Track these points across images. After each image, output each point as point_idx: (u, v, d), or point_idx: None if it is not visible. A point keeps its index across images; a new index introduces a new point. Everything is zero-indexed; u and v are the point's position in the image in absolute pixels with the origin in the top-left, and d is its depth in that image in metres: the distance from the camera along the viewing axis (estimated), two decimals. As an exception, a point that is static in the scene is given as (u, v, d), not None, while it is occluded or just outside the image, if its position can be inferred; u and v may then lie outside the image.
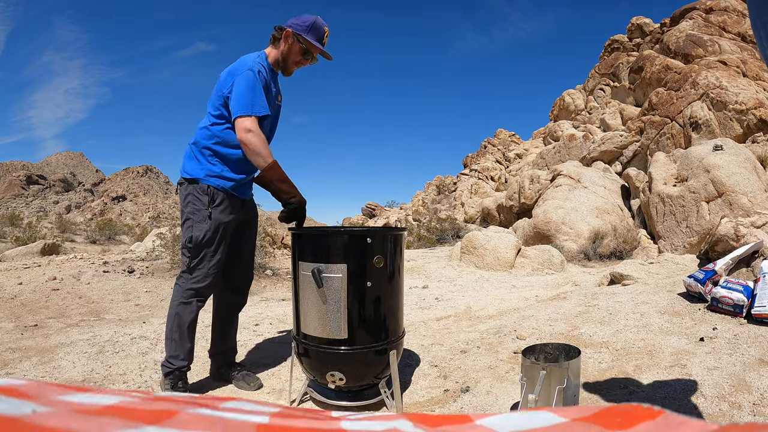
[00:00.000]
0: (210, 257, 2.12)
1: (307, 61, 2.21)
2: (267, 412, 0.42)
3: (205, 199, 2.10)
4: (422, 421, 0.41)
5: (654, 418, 0.33)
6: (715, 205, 5.87)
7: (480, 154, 24.28)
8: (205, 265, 2.11)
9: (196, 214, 2.10)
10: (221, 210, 2.12)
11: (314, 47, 2.16)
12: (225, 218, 2.13)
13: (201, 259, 2.11)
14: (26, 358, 2.65)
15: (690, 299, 3.07)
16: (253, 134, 1.98)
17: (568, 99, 19.05)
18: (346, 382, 1.95)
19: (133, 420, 0.34)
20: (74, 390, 0.40)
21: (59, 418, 0.31)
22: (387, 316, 2.00)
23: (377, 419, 0.43)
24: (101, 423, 0.32)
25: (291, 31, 2.13)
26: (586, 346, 2.55)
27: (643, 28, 17.16)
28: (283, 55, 2.18)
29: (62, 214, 38.39)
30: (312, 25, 2.13)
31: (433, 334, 3.13)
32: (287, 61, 2.19)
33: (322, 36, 2.16)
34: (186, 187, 2.15)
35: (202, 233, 2.09)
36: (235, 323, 2.47)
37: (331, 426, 0.39)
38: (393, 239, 2.01)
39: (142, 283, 4.92)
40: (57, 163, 78.38)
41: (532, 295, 4.47)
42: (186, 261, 2.13)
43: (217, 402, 0.45)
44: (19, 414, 0.30)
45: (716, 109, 8.69)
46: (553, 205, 8.28)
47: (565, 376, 1.64)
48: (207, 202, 2.09)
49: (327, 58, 2.26)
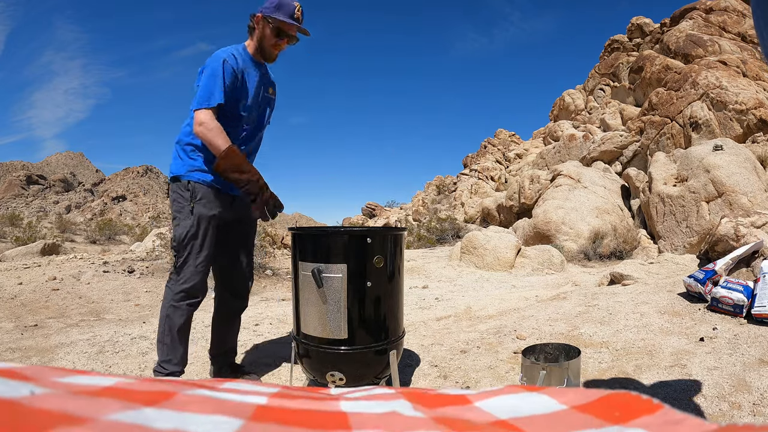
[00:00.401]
0: (196, 254, 2.04)
1: (284, 42, 2.12)
2: (266, 393, 0.42)
3: (187, 195, 2.04)
4: (421, 401, 0.41)
5: (653, 412, 0.33)
6: (715, 205, 5.87)
7: (480, 154, 24.28)
8: (191, 263, 2.04)
9: (180, 212, 2.05)
10: (204, 204, 2.05)
11: (286, 24, 2.06)
12: (208, 212, 2.05)
13: (186, 257, 2.04)
14: (26, 358, 2.65)
15: (690, 299, 3.07)
16: (204, 127, 1.92)
17: (568, 99, 19.06)
18: (346, 382, 1.95)
19: (131, 401, 0.34)
20: (74, 372, 0.40)
21: (58, 399, 0.31)
22: (387, 316, 1.99)
23: (376, 398, 0.43)
24: (99, 404, 0.32)
25: (260, 15, 2.07)
26: (586, 346, 2.55)
27: (643, 28, 17.16)
28: (259, 42, 2.11)
29: (62, 214, 38.42)
30: (278, 3, 2.05)
31: (433, 334, 3.13)
32: (263, 45, 2.11)
33: (292, 12, 2.06)
34: (171, 187, 2.12)
35: (185, 230, 2.03)
36: (235, 326, 2.43)
37: (330, 407, 0.39)
38: (393, 239, 2.01)
39: (142, 283, 4.92)
40: (57, 163, 78.39)
41: (532, 295, 4.47)
42: (173, 261, 2.09)
43: (217, 383, 0.44)
44: (18, 396, 0.30)
45: (716, 109, 8.69)
46: (553, 205, 8.28)
47: (565, 376, 1.64)
48: (189, 198, 2.04)
49: (304, 34, 2.15)
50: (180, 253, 2.04)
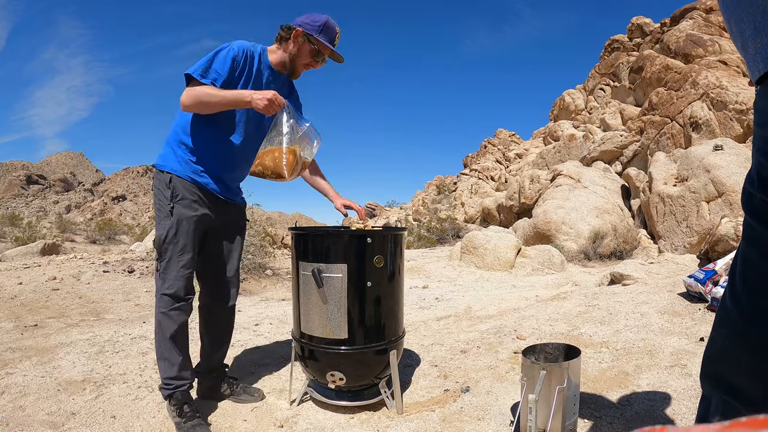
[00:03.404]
0: (177, 257, 1.90)
1: (317, 63, 2.06)
2: None
3: (167, 193, 1.92)
4: None
5: None
6: (716, 205, 5.87)
7: (480, 154, 24.29)
8: (173, 266, 1.90)
9: (160, 211, 1.93)
10: (184, 205, 1.91)
11: (326, 48, 2.01)
12: (189, 213, 1.91)
13: (169, 261, 1.91)
14: (26, 358, 2.65)
15: (690, 299, 3.07)
16: (185, 93, 1.82)
17: (568, 99, 19.05)
18: (346, 381, 1.95)
19: None
20: None
21: None
22: (387, 316, 1.99)
23: None
24: None
25: (301, 30, 1.97)
26: (587, 346, 2.55)
27: (643, 27, 17.15)
28: (291, 56, 2.02)
29: (62, 214, 38.45)
30: (324, 26, 1.97)
31: (433, 334, 3.13)
32: (296, 62, 2.04)
33: (333, 37, 2.01)
34: (155, 177, 1.98)
35: (165, 231, 1.90)
36: (225, 337, 2.24)
37: None
38: (393, 239, 2.01)
39: (142, 283, 4.92)
40: (57, 162, 78.29)
41: (532, 295, 4.46)
42: (156, 264, 1.96)
43: None
44: None
45: (716, 108, 8.68)
46: (553, 205, 8.28)
47: (565, 376, 1.64)
48: (169, 197, 1.91)
49: (338, 62, 2.10)
50: (162, 256, 1.92)
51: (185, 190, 1.91)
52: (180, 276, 1.91)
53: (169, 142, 1.97)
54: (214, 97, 1.83)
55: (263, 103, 1.82)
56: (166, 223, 1.90)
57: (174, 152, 1.94)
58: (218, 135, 1.97)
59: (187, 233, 1.91)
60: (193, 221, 1.92)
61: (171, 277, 1.90)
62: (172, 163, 1.93)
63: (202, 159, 1.95)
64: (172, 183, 1.91)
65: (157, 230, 1.93)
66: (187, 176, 1.92)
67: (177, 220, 1.90)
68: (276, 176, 1.93)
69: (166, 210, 1.91)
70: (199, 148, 1.94)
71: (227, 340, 2.26)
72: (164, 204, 1.91)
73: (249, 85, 1.98)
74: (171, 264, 1.90)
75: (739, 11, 0.77)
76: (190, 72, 1.85)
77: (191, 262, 1.94)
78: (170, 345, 1.92)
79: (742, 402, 0.84)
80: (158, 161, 1.97)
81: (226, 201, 2.06)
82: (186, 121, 1.95)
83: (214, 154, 1.96)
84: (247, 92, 1.86)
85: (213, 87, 1.85)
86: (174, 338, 1.92)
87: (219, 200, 2.02)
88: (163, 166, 1.94)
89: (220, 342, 2.22)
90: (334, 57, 2.07)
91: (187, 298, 1.95)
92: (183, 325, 1.95)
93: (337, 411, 2.03)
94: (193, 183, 1.93)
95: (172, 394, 1.92)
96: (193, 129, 1.95)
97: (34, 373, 2.43)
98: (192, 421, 1.86)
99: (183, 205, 1.91)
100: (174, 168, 1.92)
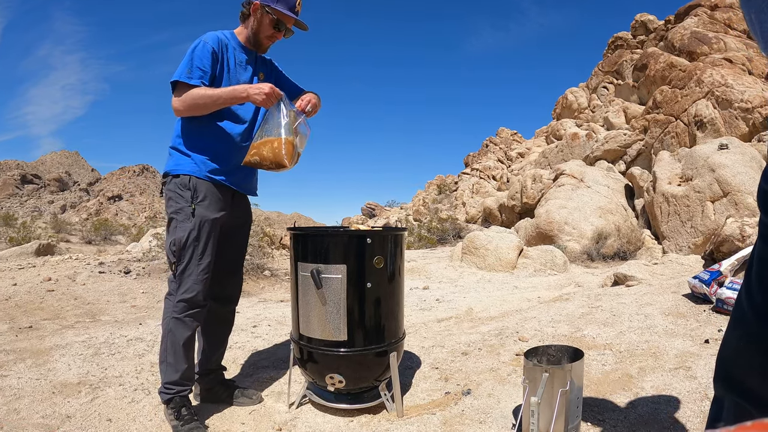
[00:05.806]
0: (197, 261, 1.88)
1: (280, 34, 2.02)
2: None
3: (187, 194, 1.89)
4: None
5: None
6: (721, 205, 5.82)
7: (481, 153, 24.23)
8: (192, 270, 1.87)
9: (179, 213, 1.90)
10: (206, 206, 1.90)
11: (286, 16, 1.96)
12: (211, 215, 1.91)
13: (188, 264, 1.87)
14: (21, 360, 2.62)
15: (695, 300, 3.02)
16: (176, 100, 1.83)
17: (571, 97, 18.97)
18: (345, 384, 1.92)
19: None
20: None
21: None
22: (387, 318, 1.96)
23: None
24: None
25: (258, 3, 1.94)
26: (590, 347, 2.51)
27: (647, 25, 17.06)
28: (253, 31, 1.99)
29: (57, 214, 38.44)
30: None
31: (434, 336, 3.09)
32: (259, 36, 2.00)
33: (293, 4, 1.96)
34: (167, 185, 1.96)
35: (186, 233, 1.87)
36: (224, 338, 2.21)
37: None
38: (393, 239, 1.98)
39: (138, 284, 4.89)
40: (52, 162, 78.13)
41: (535, 296, 4.42)
42: (172, 269, 1.92)
43: None
44: None
45: (721, 107, 8.62)
46: (555, 204, 8.23)
47: (568, 379, 1.61)
48: (190, 198, 1.89)
49: (302, 29, 2.06)
50: (180, 260, 1.87)
51: (206, 190, 1.91)
52: (199, 280, 1.89)
53: (177, 147, 1.96)
54: (208, 98, 1.84)
55: (261, 97, 1.83)
56: (186, 225, 1.88)
57: (185, 155, 1.94)
58: (223, 130, 1.97)
59: (208, 236, 1.90)
60: (215, 224, 1.92)
61: (189, 281, 1.88)
62: (188, 166, 1.92)
63: (216, 157, 1.95)
64: (192, 183, 1.90)
65: (176, 233, 1.90)
66: (205, 176, 1.92)
67: (199, 223, 1.89)
68: (276, 166, 1.91)
69: (187, 212, 1.89)
70: (208, 147, 1.94)
71: (226, 341, 2.25)
72: (184, 206, 1.90)
73: (229, 73, 1.97)
74: (190, 268, 1.88)
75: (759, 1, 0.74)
76: (177, 78, 1.84)
77: (210, 266, 1.93)
78: (179, 351, 1.89)
79: (755, 404, 0.81)
80: (171, 167, 1.95)
81: (242, 195, 2.08)
82: (188, 125, 1.96)
83: (224, 150, 1.96)
84: (242, 87, 1.86)
85: (204, 87, 1.85)
86: (184, 345, 1.90)
87: (236, 194, 2.04)
88: (178, 170, 1.93)
89: (219, 343, 2.20)
90: (299, 25, 2.05)
91: (204, 304, 1.93)
92: (194, 334, 1.94)
93: (336, 414, 2.00)
94: (211, 182, 1.93)
95: (171, 398, 1.90)
96: (197, 130, 1.95)
97: (28, 375, 2.40)
98: (189, 425, 1.83)
99: (204, 207, 1.91)
100: (191, 169, 1.92)
